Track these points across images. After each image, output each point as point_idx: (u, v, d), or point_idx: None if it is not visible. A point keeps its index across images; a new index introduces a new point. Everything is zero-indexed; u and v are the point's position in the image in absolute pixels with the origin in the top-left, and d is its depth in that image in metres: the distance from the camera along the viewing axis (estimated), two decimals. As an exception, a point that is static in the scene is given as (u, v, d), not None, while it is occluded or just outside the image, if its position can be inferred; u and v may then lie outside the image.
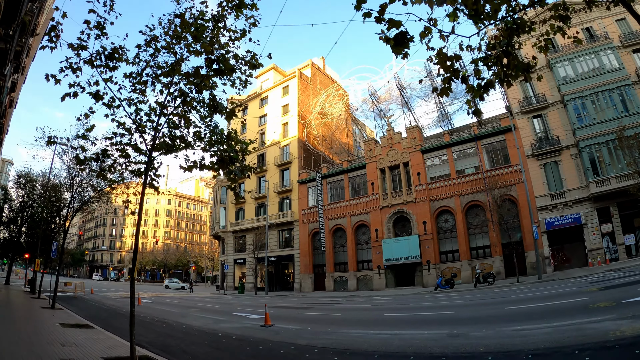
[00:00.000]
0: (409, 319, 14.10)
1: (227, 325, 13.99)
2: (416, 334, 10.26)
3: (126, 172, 9.27)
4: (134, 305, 8.21)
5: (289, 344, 10.01)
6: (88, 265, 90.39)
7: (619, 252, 27.67)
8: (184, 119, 8.89)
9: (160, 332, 12.56)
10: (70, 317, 15.10)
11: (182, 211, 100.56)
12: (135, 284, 8.44)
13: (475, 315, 13.12)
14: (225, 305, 23.37)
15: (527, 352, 7.03)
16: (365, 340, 9.92)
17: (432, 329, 10.81)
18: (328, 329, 12.37)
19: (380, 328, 12.13)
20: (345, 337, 10.61)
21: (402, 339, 9.74)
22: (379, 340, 9.88)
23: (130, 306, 8.13)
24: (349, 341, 9.97)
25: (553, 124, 31.45)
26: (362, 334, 11.08)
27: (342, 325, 13.53)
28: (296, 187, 44.32)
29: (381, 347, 8.78)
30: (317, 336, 11.09)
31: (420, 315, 14.68)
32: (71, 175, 21.19)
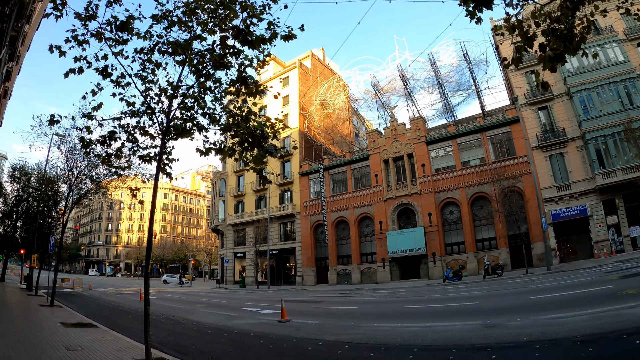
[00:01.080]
0: (432, 311, 13.44)
1: (241, 322, 13.11)
2: (449, 326, 9.64)
3: (134, 158, 8.39)
4: (148, 304, 7.33)
5: (314, 340, 9.29)
6: (84, 260, 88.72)
7: (625, 243, 27.44)
8: (197, 102, 8.07)
9: (170, 331, 11.70)
10: (71, 316, 14.11)
11: (178, 205, 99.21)
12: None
13: (501, 305, 12.62)
14: (231, 300, 22.49)
15: (573, 338, 6.77)
16: (396, 334, 9.29)
17: (463, 320, 10.23)
18: (351, 323, 11.65)
19: (407, 320, 11.49)
20: (374, 331, 9.91)
21: (436, 331, 9.18)
22: (410, 333, 9.28)
23: (144, 304, 7.27)
24: (379, 335, 9.29)
25: (558, 116, 31.01)
26: (390, 328, 10.40)
27: (364, 318, 12.77)
28: (297, 179, 43.41)
29: (416, 341, 8.22)
30: (342, 331, 10.33)
31: (443, 307, 14.04)
32: (69, 166, 20.12)
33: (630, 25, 30.67)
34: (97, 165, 20.90)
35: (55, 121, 7.24)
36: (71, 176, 20.39)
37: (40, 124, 17.94)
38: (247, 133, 7.23)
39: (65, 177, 21.17)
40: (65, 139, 19.35)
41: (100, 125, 7.87)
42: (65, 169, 20.39)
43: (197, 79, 8.12)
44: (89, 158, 19.28)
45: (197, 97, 8.27)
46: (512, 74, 33.87)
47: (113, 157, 8.31)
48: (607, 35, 30.51)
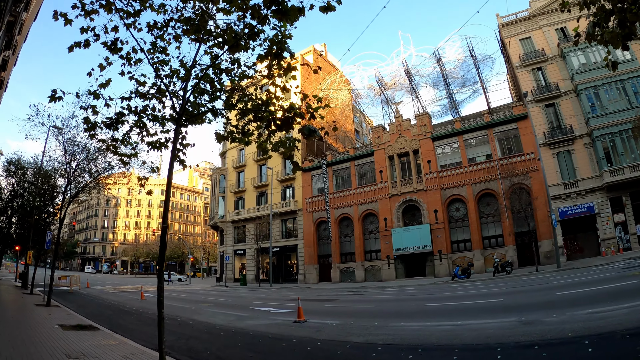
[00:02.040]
0: (456, 309, 12.62)
1: (254, 322, 12.18)
2: (483, 324, 9.08)
3: (142, 144, 7.54)
4: (163, 306, 6.44)
5: (342, 343, 8.49)
6: (80, 257, 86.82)
7: (632, 241, 27.16)
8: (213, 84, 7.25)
9: (180, 333, 10.79)
10: (69, 317, 13.09)
11: (175, 202, 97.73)
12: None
13: (528, 302, 11.96)
14: (237, 299, 21.54)
15: (620, 332, 6.51)
16: (429, 334, 8.60)
17: (496, 318, 9.64)
18: (375, 323, 10.81)
19: (434, 319, 10.78)
20: (403, 331, 9.22)
21: (471, 329, 8.60)
22: (444, 332, 8.64)
23: (158, 307, 6.37)
24: (411, 335, 8.63)
25: (565, 113, 30.59)
26: (420, 327, 9.69)
27: (387, 317, 11.94)
28: (299, 175, 42.48)
29: (454, 340, 7.65)
30: (369, 332, 9.54)
31: (466, 304, 13.22)
32: (67, 159, 19.09)
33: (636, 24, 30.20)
34: (95, 158, 19.95)
35: (57, 97, 6.32)
36: (69, 169, 19.40)
37: (37, 113, 16.98)
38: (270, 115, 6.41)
39: (63, 170, 20.15)
40: (63, 130, 18.36)
41: (107, 106, 6.97)
42: (62, 161, 19.38)
43: (212, 61, 7.28)
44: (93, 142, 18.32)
45: (212, 80, 7.44)
46: (519, 70, 33.29)
47: (119, 143, 7.45)
48: None
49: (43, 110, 17.25)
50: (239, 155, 50.65)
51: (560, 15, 32.95)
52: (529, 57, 32.98)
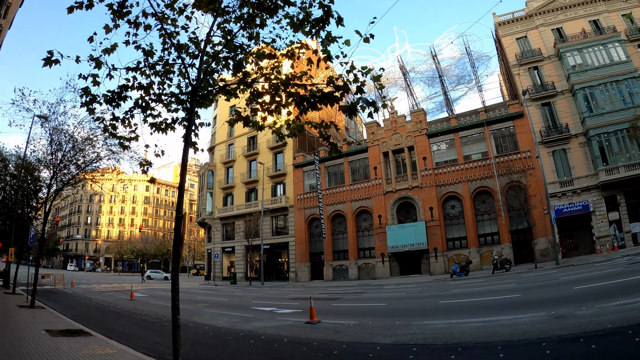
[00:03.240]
0: (476, 305, 12.04)
1: (262, 324, 11.25)
2: (513, 319, 8.72)
3: (145, 125, 6.59)
4: (178, 311, 5.52)
5: (369, 345, 7.79)
6: (62, 255, 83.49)
7: (626, 239, 27.31)
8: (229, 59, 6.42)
9: (183, 338, 9.63)
10: (57, 320, 11.87)
11: (160, 198, 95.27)
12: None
13: (548, 297, 11.62)
14: (233, 299, 20.43)
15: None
16: (461, 331, 8.13)
17: (524, 313, 9.27)
18: (396, 322, 10.07)
19: (459, 316, 10.19)
20: (432, 330, 8.64)
21: (504, 325, 8.23)
22: (477, 329, 8.21)
23: (172, 313, 5.45)
24: (442, 334, 8.09)
25: (561, 112, 30.59)
26: (447, 325, 9.13)
27: (406, 316, 11.20)
28: (291, 170, 41.47)
29: (492, 337, 7.26)
30: (394, 332, 8.89)
31: (484, 301, 12.72)
32: (53, 149, 17.68)
33: (630, 27, 30.72)
34: (83, 148, 18.62)
35: (53, 61, 5.27)
36: (54, 160, 18.01)
37: (22, 98, 15.58)
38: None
39: (48, 161, 18.71)
40: (49, 118, 16.96)
41: (110, 77, 5.98)
42: (48, 151, 17.94)
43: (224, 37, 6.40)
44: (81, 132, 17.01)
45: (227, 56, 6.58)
46: (515, 69, 33.23)
47: (119, 122, 6.49)
48: (609, 35, 30.40)
49: (28, 95, 15.85)
50: (228, 151, 49.32)
51: (556, 16, 33.02)
52: (525, 56, 32.84)
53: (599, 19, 31.87)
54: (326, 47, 5.47)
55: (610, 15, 31.60)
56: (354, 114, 5.82)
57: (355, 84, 5.60)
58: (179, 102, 6.82)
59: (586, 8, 32.45)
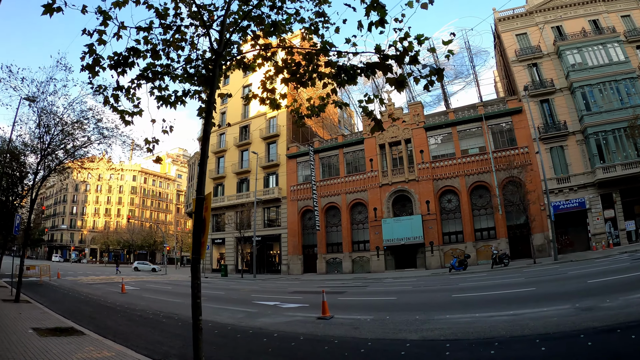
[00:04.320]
0: (494, 299, 11.64)
1: (270, 320, 10.53)
2: (539, 312, 8.46)
3: (151, 98, 5.79)
4: (200, 310, 4.73)
5: (397, 342, 7.23)
6: (47, 245, 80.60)
7: (621, 237, 27.43)
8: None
9: (187, 337, 8.75)
10: (45, 316, 10.89)
11: (147, 188, 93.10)
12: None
13: (565, 290, 11.46)
14: (231, 292, 19.53)
15: None
16: (491, 325, 7.75)
17: (548, 306, 8.97)
18: (416, 317, 9.51)
19: (481, 310, 9.76)
20: (457, 324, 8.23)
21: (532, 318, 7.95)
22: (505, 323, 7.85)
23: (193, 313, 4.67)
24: (471, 328, 7.67)
25: (559, 110, 30.51)
26: (472, 319, 8.71)
27: (424, 310, 10.63)
28: (284, 161, 40.55)
29: (524, 330, 6.98)
30: (418, 327, 8.38)
31: (500, 294, 12.32)
32: (40, 132, 16.49)
33: (629, 28, 30.79)
34: (72, 132, 17.49)
35: (54, 9, 4.39)
36: (42, 144, 16.85)
37: (10, 75, 14.37)
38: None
39: (35, 145, 17.50)
40: (38, 99, 15.77)
41: (118, 37, 5.14)
42: (35, 134, 16.73)
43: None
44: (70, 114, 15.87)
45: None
46: (514, 65, 32.93)
47: (123, 93, 5.66)
48: (608, 35, 30.41)
49: (16, 72, 14.65)
50: (219, 140, 48.10)
51: (556, 14, 32.83)
52: (524, 53, 32.56)
53: (599, 19, 31.82)
54: (381, 7, 4.64)
55: (610, 16, 31.61)
56: (403, 86, 5.12)
57: (409, 54, 4.83)
58: (191, 77, 6.01)
59: (586, 8, 32.33)
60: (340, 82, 5.31)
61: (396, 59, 4.84)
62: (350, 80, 5.24)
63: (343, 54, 5.36)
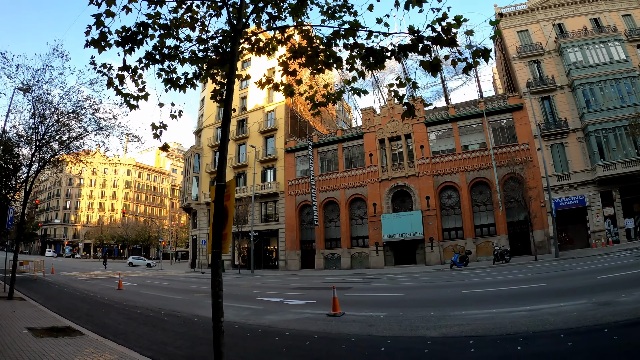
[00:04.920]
0: (507, 294, 11.38)
1: (278, 318, 10.07)
2: (557, 307, 8.35)
3: (159, 81, 5.35)
4: (221, 311, 4.29)
5: (417, 339, 6.95)
6: (40, 240, 79.17)
7: (620, 234, 27.42)
8: None
9: (192, 336, 8.40)
10: (39, 315, 10.27)
11: (142, 183, 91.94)
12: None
13: (576, 285, 11.32)
14: (232, 288, 18.95)
15: None
16: (510, 321, 7.58)
17: (564, 301, 8.84)
18: (431, 313, 9.22)
19: (496, 306, 9.49)
20: (475, 320, 8.02)
21: (551, 313, 7.78)
22: (524, 318, 7.70)
23: (214, 315, 4.22)
24: (490, 324, 7.48)
25: (560, 107, 30.38)
26: (490, 315, 8.52)
27: (436, 306, 10.32)
28: (282, 155, 39.97)
29: (546, 325, 6.87)
30: (435, 323, 8.10)
31: (511, 290, 12.07)
32: (35, 122, 15.83)
33: (630, 27, 30.72)
34: (68, 124, 16.86)
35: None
36: (36, 136, 16.20)
37: (4, 62, 13.69)
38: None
39: (29, 135, 16.83)
40: (32, 88, 15.09)
41: (127, 10, 4.68)
42: (30, 124, 16.05)
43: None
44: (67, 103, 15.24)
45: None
46: (515, 62, 32.72)
47: (129, 73, 5.18)
48: (609, 34, 30.29)
49: (11, 59, 13.99)
50: (215, 134, 47.38)
51: (558, 12, 32.62)
52: (526, 50, 32.32)
53: (600, 18, 31.68)
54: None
55: (611, 14, 31.49)
56: (437, 70, 4.76)
57: (448, 35, 4.41)
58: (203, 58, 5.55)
59: (587, 6, 32.16)
60: (368, 65, 4.79)
61: (433, 40, 4.46)
62: (378, 63, 4.72)
63: (374, 35, 4.90)
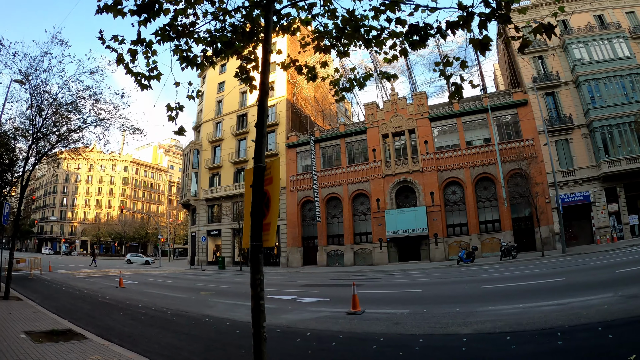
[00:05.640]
0: (528, 289, 10.98)
1: (296, 317, 9.43)
2: (586, 301, 8.12)
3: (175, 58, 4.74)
4: (264, 316, 3.64)
5: (452, 337, 6.58)
6: (36, 237, 77.50)
7: (624, 231, 27.12)
8: None
9: (205, 339, 7.69)
10: (38, 316, 9.49)
11: (139, 179, 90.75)
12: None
13: (596, 279, 11.11)
14: (238, 286, 18.24)
15: None
16: (543, 315, 7.34)
17: (591, 295, 8.66)
18: (456, 309, 8.82)
19: (523, 300, 9.10)
20: (507, 315, 7.76)
21: (582, 307, 7.58)
22: (556, 312, 7.48)
23: (254, 322, 3.58)
24: (523, 319, 7.19)
25: (564, 103, 30.01)
26: (519, 310, 8.18)
27: (461, 302, 9.85)
28: (283, 151, 39.25)
29: (581, 319, 6.67)
30: (465, 319, 7.73)
31: (530, 285, 11.75)
32: (32, 113, 15.06)
33: (634, 24, 30.33)
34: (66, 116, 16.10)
35: None
36: (33, 128, 15.45)
37: (1, 50, 12.93)
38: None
39: (26, 127, 16.04)
40: (30, 78, 14.31)
41: None
42: (27, 115, 15.27)
43: None
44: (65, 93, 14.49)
45: None
46: (519, 57, 32.07)
47: (142, 48, 4.54)
48: (614, 31, 29.93)
49: (8, 46, 13.24)
50: (215, 129, 46.63)
51: (562, 8, 31.97)
52: (530, 45, 31.73)
53: (604, 15, 31.31)
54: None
55: (615, 11, 31.15)
56: (487, 49, 4.24)
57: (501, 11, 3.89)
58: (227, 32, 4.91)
59: (592, 3, 31.79)
60: (412, 44, 4.31)
61: (485, 16, 3.93)
62: (421, 41, 4.28)
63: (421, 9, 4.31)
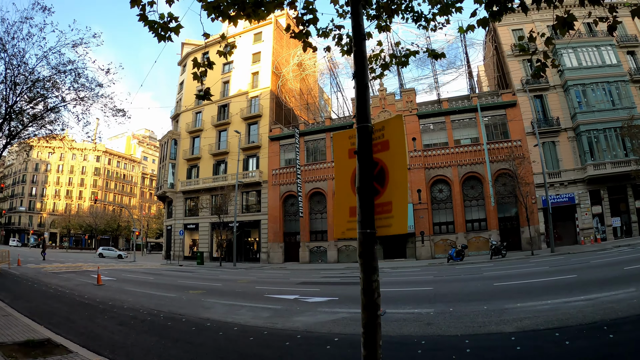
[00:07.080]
0: (545, 286, 10.65)
1: (311, 320, 8.06)
2: (613, 296, 7.98)
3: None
4: (379, 336, 2.47)
5: (496, 336, 6.05)
6: (3, 228, 71.92)
7: (607, 232, 27.55)
8: None
9: (214, 348, 6.36)
10: (9, 321, 7.59)
11: (111, 170, 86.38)
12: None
13: (610, 276, 10.86)
14: (227, 283, 16.59)
15: None
16: (577, 311, 7.06)
17: (614, 290, 8.51)
18: (484, 307, 8.12)
19: (549, 297, 8.69)
20: (542, 312, 7.33)
21: (612, 301, 7.47)
22: (589, 307, 7.23)
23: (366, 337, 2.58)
24: (562, 315, 6.87)
25: (552, 106, 30.19)
26: (549, 306, 7.81)
27: (484, 300, 9.20)
28: (266, 143, 37.64)
29: (619, 313, 6.46)
30: (500, 317, 7.19)
31: (547, 281, 11.41)
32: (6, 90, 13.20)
33: (621, 34, 30.92)
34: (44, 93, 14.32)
35: None
36: (5, 105, 13.61)
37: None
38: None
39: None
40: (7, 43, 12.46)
41: None
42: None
43: None
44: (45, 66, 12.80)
45: None
46: (509, 59, 32.20)
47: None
48: (601, 39, 30.28)
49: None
50: (194, 119, 44.48)
51: (552, 14, 32.16)
52: (520, 48, 31.80)
53: (592, 23, 31.62)
54: None
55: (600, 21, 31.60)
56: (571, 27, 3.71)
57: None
58: None
59: (581, 10, 31.90)
60: (492, 14, 3.85)
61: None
62: (500, 12, 3.83)
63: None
